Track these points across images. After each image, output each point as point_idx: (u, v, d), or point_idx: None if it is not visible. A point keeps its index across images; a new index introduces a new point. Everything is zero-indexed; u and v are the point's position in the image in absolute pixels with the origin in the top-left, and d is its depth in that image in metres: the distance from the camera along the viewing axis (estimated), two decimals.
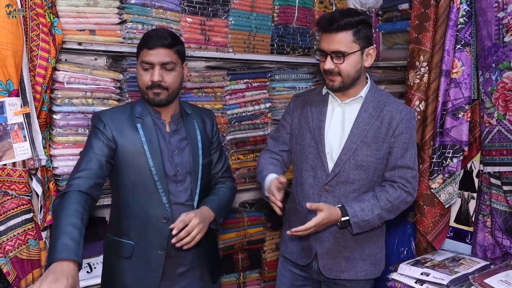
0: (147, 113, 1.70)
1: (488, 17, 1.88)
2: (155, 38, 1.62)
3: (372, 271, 1.80)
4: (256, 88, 2.57)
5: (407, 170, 1.73)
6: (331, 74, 1.71)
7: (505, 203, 1.91)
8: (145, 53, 1.62)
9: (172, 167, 1.68)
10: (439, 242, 2.13)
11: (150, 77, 1.62)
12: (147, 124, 1.68)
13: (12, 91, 1.68)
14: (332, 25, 1.66)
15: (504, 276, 1.71)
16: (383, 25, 2.91)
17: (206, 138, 1.80)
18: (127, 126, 1.66)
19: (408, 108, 1.78)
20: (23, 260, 1.76)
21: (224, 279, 2.51)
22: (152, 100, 1.65)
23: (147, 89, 1.64)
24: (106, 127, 1.64)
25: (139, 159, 1.63)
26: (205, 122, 1.83)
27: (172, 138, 1.71)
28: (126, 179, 1.65)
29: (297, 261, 1.87)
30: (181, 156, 1.71)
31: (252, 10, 2.51)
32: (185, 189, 1.70)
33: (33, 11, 1.75)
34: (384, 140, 1.73)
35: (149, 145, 1.65)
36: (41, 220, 1.84)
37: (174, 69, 1.66)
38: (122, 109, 1.75)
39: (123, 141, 1.64)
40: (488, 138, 1.93)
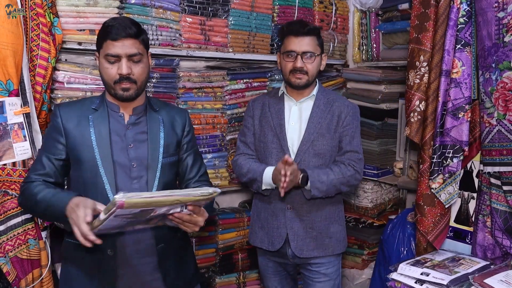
0: (103, 105, 1.61)
1: (488, 17, 1.88)
2: (119, 28, 1.50)
3: (338, 247, 2.06)
4: (256, 88, 2.57)
5: (354, 153, 2.02)
6: (300, 73, 1.94)
7: (505, 203, 1.91)
8: (110, 44, 1.51)
9: (126, 161, 1.57)
10: (439, 242, 2.13)
11: (117, 70, 1.52)
12: (99, 116, 1.59)
13: (12, 91, 1.68)
14: (304, 29, 1.93)
15: (504, 276, 1.71)
16: (383, 25, 2.91)
17: (173, 136, 1.69)
18: (81, 119, 1.58)
19: (353, 104, 2.11)
20: (23, 259, 1.76)
21: (223, 279, 2.51)
22: (121, 96, 1.55)
23: (115, 84, 1.54)
24: (59, 120, 1.57)
25: (88, 151, 1.54)
26: (174, 121, 1.71)
27: (129, 131, 1.60)
28: (76, 174, 1.58)
29: (268, 248, 2.04)
30: (138, 151, 1.60)
31: (252, 10, 2.51)
32: (141, 187, 1.58)
33: (33, 11, 1.75)
34: (335, 131, 2.01)
35: (98, 137, 1.56)
36: (41, 220, 1.84)
37: (141, 61, 1.56)
38: (81, 103, 1.67)
39: (74, 134, 1.56)
40: (488, 138, 1.93)
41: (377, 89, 2.82)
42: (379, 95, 2.80)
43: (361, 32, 3.02)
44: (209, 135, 2.41)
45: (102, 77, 1.58)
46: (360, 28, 3.02)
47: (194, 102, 2.37)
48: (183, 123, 1.74)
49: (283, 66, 2.00)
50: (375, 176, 2.81)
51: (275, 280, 2.17)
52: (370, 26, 2.98)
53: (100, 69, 1.57)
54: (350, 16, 3.03)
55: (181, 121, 1.73)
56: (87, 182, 1.55)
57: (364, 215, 2.89)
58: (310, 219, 2.00)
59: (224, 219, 2.48)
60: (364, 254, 2.84)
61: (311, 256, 2.01)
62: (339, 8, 2.93)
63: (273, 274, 2.16)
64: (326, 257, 2.04)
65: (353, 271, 2.83)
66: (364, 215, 2.89)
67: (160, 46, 2.22)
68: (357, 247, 2.88)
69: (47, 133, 1.62)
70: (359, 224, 2.87)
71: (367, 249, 2.84)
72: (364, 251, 2.84)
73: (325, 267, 2.05)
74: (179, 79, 2.31)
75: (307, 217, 2.00)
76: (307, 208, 2.00)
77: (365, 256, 2.84)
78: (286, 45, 1.97)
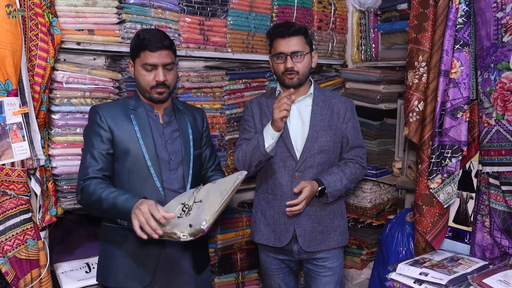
0: (140, 106, 1.82)
1: (487, 17, 1.88)
2: (156, 41, 1.72)
3: (342, 239, 2.14)
4: (254, 88, 2.57)
5: (360, 149, 2.14)
6: (291, 73, 1.99)
7: (503, 203, 1.91)
8: (148, 55, 1.72)
9: (166, 155, 1.80)
10: (438, 242, 2.13)
11: (154, 77, 1.74)
12: (140, 115, 1.80)
13: (10, 91, 1.68)
14: (290, 30, 1.98)
15: (503, 276, 1.71)
16: (382, 25, 2.91)
17: (197, 132, 1.93)
18: (122, 118, 1.77)
19: (348, 99, 2.20)
20: (21, 260, 1.76)
21: (223, 279, 2.51)
22: (156, 99, 1.78)
23: (151, 89, 1.76)
24: (102, 118, 1.74)
25: (134, 146, 1.75)
26: (195, 118, 1.96)
27: (166, 129, 1.84)
28: (122, 167, 1.76)
29: (275, 245, 2.08)
30: (174, 146, 1.83)
31: (251, 10, 2.51)
32: (178, 177, 1.82)
33: (31, 10, 1.75)
34: (337, 127, 2.08)
35: (142, 133, 1.77)
36: (39, 220, 1.84)
37: (173, 69, 1.80)
38: (116, 103, 1.88)
39: (118, 130, 1.75)
40: (486, 138, 1.93)
41: (376, 89, 2.82)
42: (378, 95, 2.80)
43: (360, 32, 3.02)
44: None
45: (138, 82, 1.79)
46: (359, 28, 3.02)
47: (193, 102, 2.37)
48: (202, 120, 2.00)
49: (275, 68, 2.05)
50: (374, 176, 2.82)
51: (278, 277, 2.18)
52: (369, 26, 2.98)
53: (137, 75, 1.78)
54: (349, 16, 3.04)
55: (201, 118, 1.99)
56: (132, 172, 1.75)
57: (363, 215, 2.89)
58: (316, 214, 2.06)
59: (223, 219, 2.48)
60: (363, 254, 2.84)
61: (317, 250, 2.07)
62: (338, 8, 2.93)
63: (276, 272, 2.17)
64: (331, 251, 2.10)
65: (352, 271, 2.83)
66: (363, 215, 2.89)
67: None
68: (356, 247, 2.88)
69: (90, 132, 1.76)
70: (358, 224, 2.87)
71: (366, 249, 2.84)
72: (363, 251, 2.84)
73: (330, 261, 2.10)
74: (178, 79, 2.31)
75: (314, 212, 2.06)
76: (313, 204, 2.05)
77: (364, 256, 2.84)
78: (275, 47, 2.02)
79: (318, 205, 2.05)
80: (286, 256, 2.12)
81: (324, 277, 2.11)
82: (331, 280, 2.11)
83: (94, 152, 1.72)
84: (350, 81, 3.00)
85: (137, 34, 1.78)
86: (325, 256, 2.09)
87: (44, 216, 1.85)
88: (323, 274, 2.11)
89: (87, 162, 1.71)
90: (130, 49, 1.81)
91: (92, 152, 1.72)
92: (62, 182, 1.98)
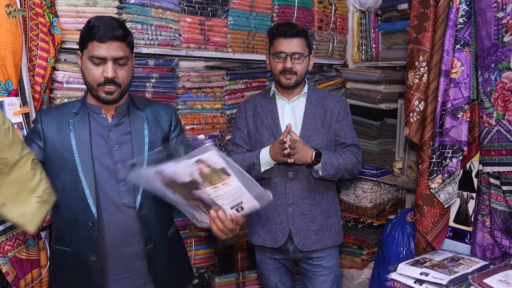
0: (83, 108, 1.57)
1: (487, 17, 1.88)
2: (106, 30, 1.46)
3: (337, 238, 2.13)
4: (255, 88, 2.57)
5: (355, 146, 2.12)
6: (290, 73, 1.99)
7: (504, 203, 1.91)
8: (95, 46, 1.47)
9: (111, 164, 1.53)
10: (438, 242, 2.13)
11: (102, 72, 1.48)
12: (80, 120, 1.55)
13: (11, 90, 1.68)
14: (293, 31, 1.99)
15: (503, 276, 1.71)
16: (382, 25, 2.91)
17: (158, 132, 1.63)
18: (61, 123, 1.54)
19: (342, 98, 2.22)
20: (22, 260, 1.76)
21: (223, 279, 2.51)
22: (103, 99, 1.52)
23: (98, 86, 1.50)
24: (38, 125, 1.54)
25: (67, 156, 1.51)
26: (159, 116, 1.66)
27: (112, 133, 1.56)
28: (56, 180, 1.50)
29: (271, 246, 2.08)
30: (122, 152, 1.55)
31: (252, 10, 2.51)
32: (128, 189, 1.54)
33: (32, 10, 1.75)
34: (330, 126, 2.08)
35: (78, 141, 1.52)
36: None
37: (127, 64, 1.53)
38: (62, 106, 1.65)
39: (54, 139, 1.52)
40: (487, 138, 1.93)
41: (376, 89, 2.82)
42: (378, 95, 2.80)
43: (360, 32, 3.02)
44: (208, 135, 2.41)
45: (84, 78, 1.53)
46: (360, 28, 3.02)
47: (193, 102, 2.37)
48: (169, 118, 1.69)
49: (273, 67, 2.05)
50: (374, 176, 2.82)
51: (275, 277, 2.19)
52: (369, 26, 2.98)
53: (83, 70, 1.52)
54: (350, 16, 3.04)
55: (166, 116, 1.68)
56: (67, 186, 1.51)
57: (364, 215, 2.89)
58: (311, 213, 2.06)
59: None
60: (364, 254, 2.84)
61: (313, 249, 2.06)
62: (339, 8, 2.93)
63: (273, 271, 2.18)
64: (326, 250, 2.10)
65: (352, 271, 2.83)
66: (364, 215, 2.89)
67: (160, 46, 2.22)
68: (356, 247, 2.88)
69: (26, 137, 1.58)
70: (359, 224, 2.87)
71: (367, 249, 2.84)
72: (364, 251, 2.84)
73: (326, 260, 2.11)
74: (179, 79, 2.31)
75: (308, 211, 2.06)
76: (307, 203, 2.06)
77: (365, 256, 2.84)
78: (276, 46, 2.01)
79: (311, 203, 2.06)
80: (282, 255, 2.13)
81: (320, 276, 2.12)
82: (328, 279, 2.12)
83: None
84: (351, 81, 3.00)
85: (88, 21, 1.51)
86: (320, 255, 2.10)
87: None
88: (319, 273, 2.12)
89: None
90: (79, 38, 1.54)
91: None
92: None
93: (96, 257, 1.51)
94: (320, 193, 2.08)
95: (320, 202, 2.08)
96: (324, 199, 2.10)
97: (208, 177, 1.28)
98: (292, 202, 2.04)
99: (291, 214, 2.04)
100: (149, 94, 2.20)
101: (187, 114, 2.35)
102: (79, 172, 1.50)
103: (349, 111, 2.18)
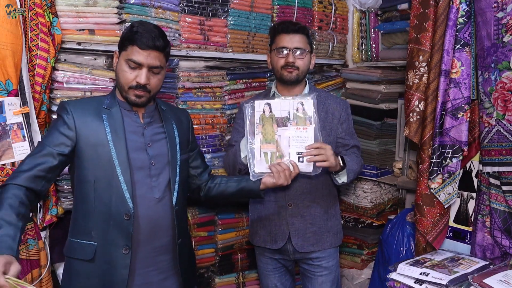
0: (115, 104, 1.62)
1: (487, 17, 1.88)
2: (148, 38, 1.52)
3: (335, 240, 2.14)
4: (255, 88, 2.57)
5: (357, 149, 2.15)
6: (292, 67, 1.99)
7: (504, 203, 1.91)
8: (135, 51, 1.53)
9: (146, 160, 1.59)
10: (438, 242, 2.13)
11: (135, 77, 1.55)
12: (114, 115, 1.59)
13: (11, 90, 1.68)
14: (295, 26, 2.03)
15: (503, 276, 1.71)
16: (382, 25, 2.91)
17: (183, 135, 1.75)
18: (93, 117, 1.57)
19: (343, 100, 2.24)
20: (22, 260, 1.76)
21: (223, 279, 2.51)
22: (132, 101, 1.58)
23: (129, 89, 1.56)
24: (69, 116, 1.54)
25: (102, 150, 1.53)
26: (180, 120, 1.77)
27: (146, 130, 1.63)
28: (87, 173, 1.54)
29: (272, 247, 2.09)
30: (157, 149, 1.63)
31: (252, 10, 2.51)
32: (159, 185, 1.61)
33: (32, 10, 1.75)
34: (332, 128, 2.08)
35: (114, 136, 1.55)
36: (40, 220, 1.84)
37: (160, 73, 1.61)
38: (90, 100, 1.70)
39: (86, 131, 1.54)
40: (487, 138, 1.93)
41: (376, 89, 2.82)
42: (378, 95, 2.80)
43: (360, 32, 3.02)
44: (208, 135, 2.41)
45: (117, 77, 1.59)
46: (360, 28, 3.02)
47: (193, 102, 2.37)
48: (188, 122, 1.81)
49: (274, 63, 2.06)
50: (374, 176, 2.81)
51: (275, 278, 2.19)
52: (369, 26, 2.98)
53: (118, 70, 1.58)
54: (350, 16, 3.03)
55: (185, 120, 1.80)
56: (99, 179, 1.54)
57: (364, 215, 2.89)
58: (310, 215, 2.07)
59: (224, 219, 2.48)
60: (364, 254, 2.84)
61: (311, 251, 2.07)
62: (339, 8, 2.93)
63: (272, 272, 2.18)
64: (326, 251, 2.10)
65: (352, 271, 2.83)
66: (364, 215, 2.89)
67: None
68: (356, 247, 2.88)
69: (52, 127, 1.58)
70: (359, 224, 2.87)
71: (367, 249, 2.84)
72: (364, 251, 2.84)
73: (325, 260, 2.11)
74: (179, 79, 2.31)
75: (308, 213, 2.06)
76: (307, 204, 2.06)
77: (365, 256, 2.84)
78: (278, 42, 2.03)
79: (311, 205, 2.07)
80: (282, 256, 2.13)
81: (320, 277, 2.12)
82: (327, 279, 2.12)
83: (44, 149, 1.50)
84: (351, 81, 2.99)
85: (131, 25, 1.59)
86: (320, 255, 2.10)
87: (44, 216, 1.85)
88: (318, 273, 2.12)
89: (27, 164, 1.48)
90: (120, 39, 1.61)
91: (42, 149, 1.50)
92: (63, 182, 1.98)
93: (128, 250, 1.55)
94: (320, 194, 2.08)
95: (320, 203, 2.09)
96: (324, 200, 2.10)
97: (297, 118, 1.80)
98: (291, 204, 2.04)
99: (290, 215, 2.05)
100: None
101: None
102: (115, 166, 1.53)
103: (350, 113, 2.19)
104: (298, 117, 1.81)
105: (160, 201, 1.61)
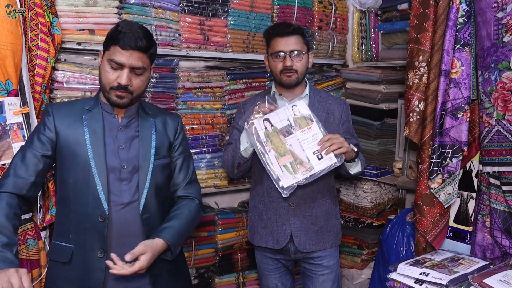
0: (97, 105, 1.62)
1: (487, 17, 1.88)
2: (131, 38, 1.50)
3: (336, 239, 2.16)
4: (255, 88, 2.57)
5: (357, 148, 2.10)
6: (290, 71, 1.98)
7: (504, 203, 1.91)
8: (117, 51, 1.51)
9: (117, 163, 1.58)
10: (438, 242, 2.13)
11: (117, 78, 1.53)
12: (94, 116, 1.59)
13: (11, 90, 1.68)
14: (289, 29, 2.00)
15: (503, 276, 1.71)
16: (382, 25, 2.91)
17: (164, 138, 1.70)
18: (74, 117, 1.58)
19: (343, 100, 2.26)
20: (22, 260, 1.76)
21: (223, 279, 2.51)
22: (114, 102, 1.57)
23: (111, 89, 1.54)
24: (50, 117, 1.57)
25: (80, 151, 1.54)
26: (166, 124, 1.73)
27: (121, 133, 1.61)
28: (67, 175, 1.56)
29: (274, 247, 2.09)
30: (128, 152, 1.60)
31: (252, 10, 2.51)
32: (130, 189, 1.59)
33: (32, 10, 1.75)
34: (332, 128, 2.09)
35: (92, 137, 1.56)
36: (40, 220, 1.84)
37: (143, 74, 1.58)
38: (75, 102, 1.71)
39: (66, 131, 1.56)
40: (487, 138, 1.93)
41: (376, 89, 2.82)
42: (378, 95, 2.80)
43: (360, 32, 3.02)
44: (208, 135, 2.41)
45: (100, 78, 1.58)
46: (360, 28, 3.02)
47: (193, 102, 2.37)
48: (175, 126, 1.76)
49: (272, 67, 2.04)
50: (374, 176, 2.81)
51: (275, 278, 2.19)
52: (369, 26, 2.98)
53: (101, 70, 1.57)
54: (350, 16, 3.03)
55: (173, 125, 1.75)
56: (77, 181, 1.55)
57: (364, 215, 2.89)
58: (312, 215, 2.08)
59: (224, 219, 2.48)
60: (364, 254, 2.84)
61: (312, 250, 2.08)
62: (339, 8, 2.93)
63: (273, 272, 2.19)
64: (327, 250, 2.12)
65: (352, 271, 2.83)
66: (364, 215, 2.89)
67: (160, 46, 2.22)
68: (356, 247, 2.88)
69: (34, 131, 1.61)
70: (359, 224, 2.87)
71: (367, 249, 2.84)
72: (364, 251, 2.84)
73: (326, 259, 2.12)
74: (179, 79, 2.31)
75: (309, 213, 2.07)
76: (309, 204, 2.07)
77: (365, 256, 2.84)
78: (274, 46, 2.02)
79: (313, 205, 2.07)
80: (283, 255, 2.14)
81: (321, 276, 2.13)
82: (328, 278, 2.13)
83: (28, 153, 1.54)
84: (351, 81, 2.99)
85: (116, 25, 1.56)
86: (321, 255, 2.11)
87: (44, 216, 1.85)
88: (320, 273, 2.13)
89: (13, 169, 1.52)
90: (104, 39, 1.58)
91: (25, 153, 1.54)
92: None
93: (103, 253, 1.54)
94: (322, 195, 2.09)
95: (321, 204, 2.10)
96: (325, 201, 2.11)
97: (299, 121, 1.86)
98: (294, 204, 2.05)
99: (292, 215, 2.05)
100: (149, 94, 2.20)
101: (187, 114, 2.35)
102: (91, 167, 1.54)
103: (350, 113, 2.21)
104: (299, 120, 1.88)
105: (127, 205, 1.58)
